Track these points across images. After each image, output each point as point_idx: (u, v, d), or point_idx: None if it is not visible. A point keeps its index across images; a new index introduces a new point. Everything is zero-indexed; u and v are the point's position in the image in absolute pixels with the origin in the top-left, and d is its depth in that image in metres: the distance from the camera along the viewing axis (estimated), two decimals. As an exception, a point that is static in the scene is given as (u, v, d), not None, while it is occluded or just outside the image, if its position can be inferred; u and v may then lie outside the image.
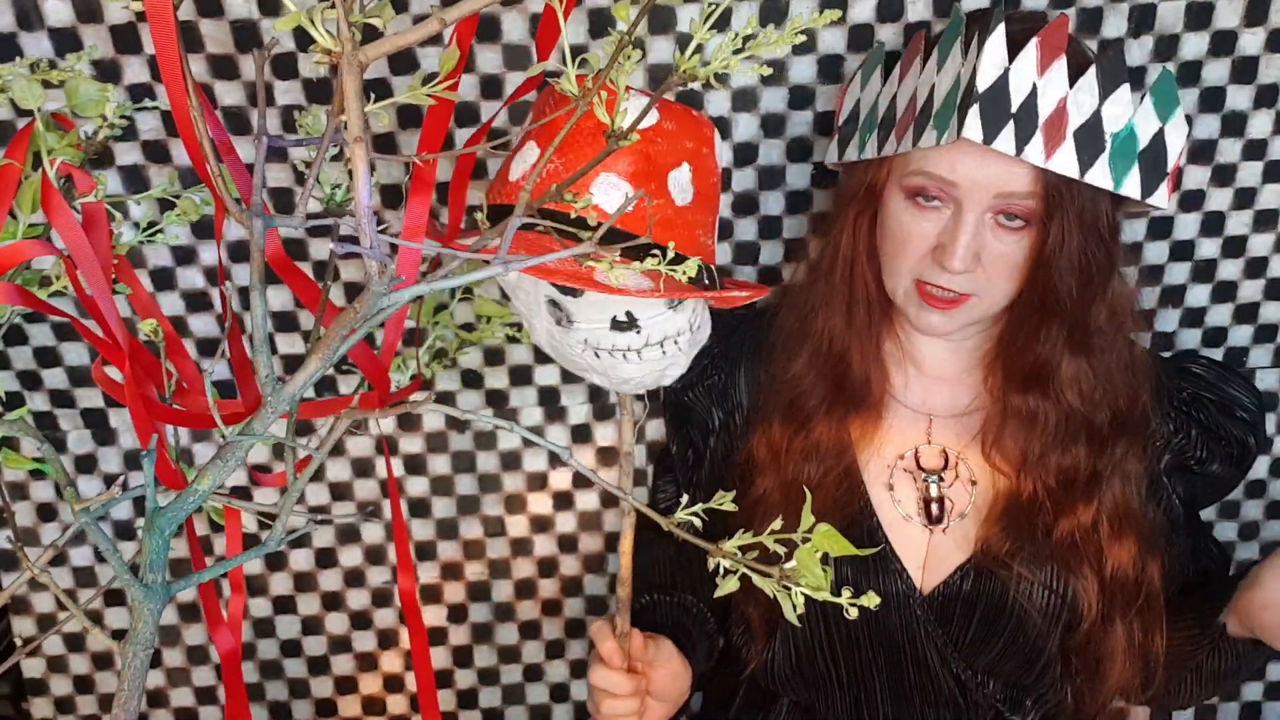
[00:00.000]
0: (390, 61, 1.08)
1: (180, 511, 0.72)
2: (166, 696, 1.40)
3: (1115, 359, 1.01)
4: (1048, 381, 1.01)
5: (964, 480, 1.07)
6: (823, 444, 1.07)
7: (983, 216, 0.93)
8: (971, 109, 0.87)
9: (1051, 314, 0.98)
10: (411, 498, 1.31)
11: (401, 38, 0.51)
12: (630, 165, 0.76)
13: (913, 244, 0.97)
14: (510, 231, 0.65)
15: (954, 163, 0.92)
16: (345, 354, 0.67)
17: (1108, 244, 0.96)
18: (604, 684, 0.98)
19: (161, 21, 0.58)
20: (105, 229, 0.63)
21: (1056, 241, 0.93)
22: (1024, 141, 0.88)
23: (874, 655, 1.09)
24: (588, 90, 0.58)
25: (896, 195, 0.98)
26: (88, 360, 1.21)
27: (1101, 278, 0.97)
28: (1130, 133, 0.91)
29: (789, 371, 1.08)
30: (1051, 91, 0.89)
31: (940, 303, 0.97)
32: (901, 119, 0.96)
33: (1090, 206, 0.93)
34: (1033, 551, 1.03)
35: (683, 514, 0.62)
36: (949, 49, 0.92)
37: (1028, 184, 0.92)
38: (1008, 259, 0.95)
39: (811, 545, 0.54)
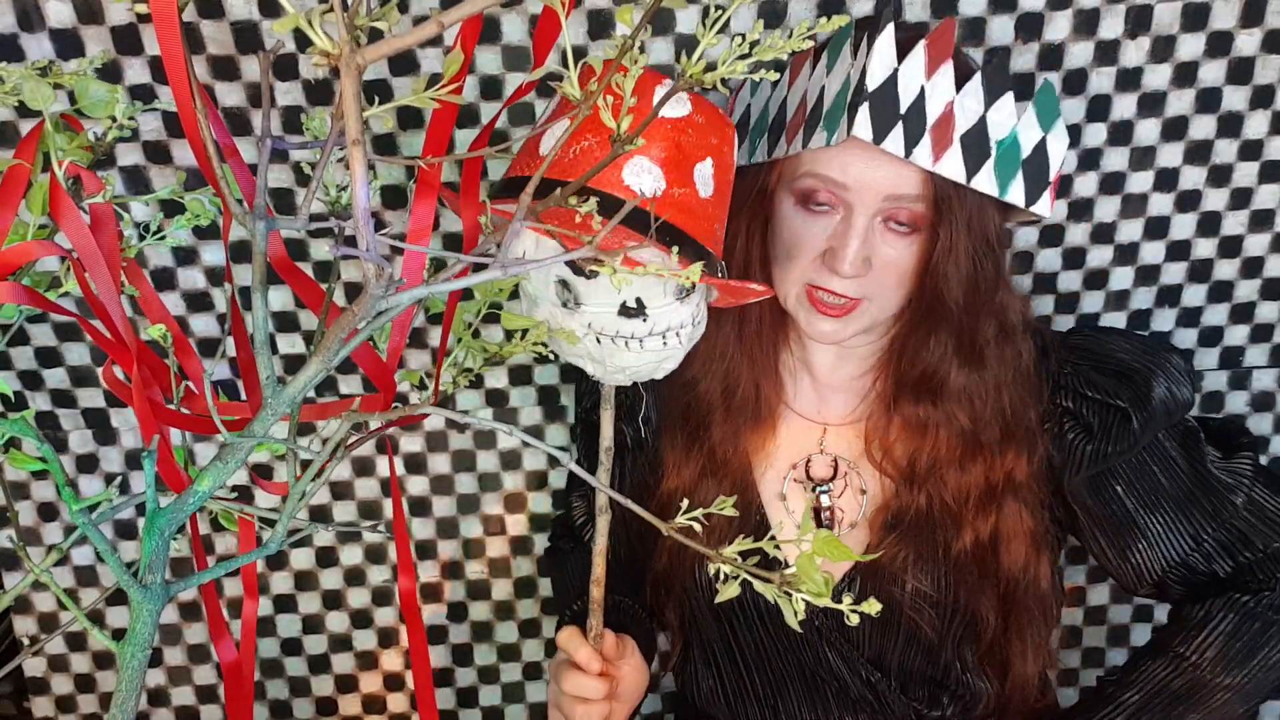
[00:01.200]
0: (390, 63, 1.08)
1: (180, 513, 0.73)
2: (168, 695, 1.40)
3: (1005, 372, 1.00)
4: (938, 391, 1.00)
5: (854, 490, 1.07)
6: (718, 456, 1.07)
7: (873, 220, 0.92)
8: (861, 107, 0.86)
9: (940, 322, 0.97)
10: (411, 497, 1.31)
11: (400, 40, 0.52)
12: (663, 151, 0.77)
13: (803, 248, 0.95)
14: (511, 234, 0.65)
15: (844, 164, 0.91)
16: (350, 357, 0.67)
17: (995, 253, 0.96)
18: (580, 690, 0.98)
19: (167, 23, 0.59)
20: (113, 230, 0.64)
21: (945, 247, 0.92)
22: (913, 143, 0.87)
23: (784, 664, 1.10)
24: (590, 93, 0.59)
25: (787, 199, 0.96)
26: (89, 360, 1.22)
27: (989, 287, 0.96)
28: (1014, 141, 0.90)
29: (684, 380, 1.07)
30: (939, 95, 0.88)
31: (831, 309, 0.96)
32: (791, 122, 0.95)
33: (978, 214, 0.92)
34: (924, 563, 1.03)
35: (683, 518, 0.62)
36: (838, 51, 0.91)
37: (916, 187, 0.91)
38: (898, 264, 0.94)
39: (811, 551, 0.54)
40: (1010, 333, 1.00)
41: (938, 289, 0.95)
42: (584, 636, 1.00)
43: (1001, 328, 1.00)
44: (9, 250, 0.61)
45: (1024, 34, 1.09)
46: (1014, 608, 1.05)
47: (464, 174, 0.71)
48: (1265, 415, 1.30)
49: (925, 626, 1.04)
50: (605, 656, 1.00)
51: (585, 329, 0.87)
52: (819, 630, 1.07)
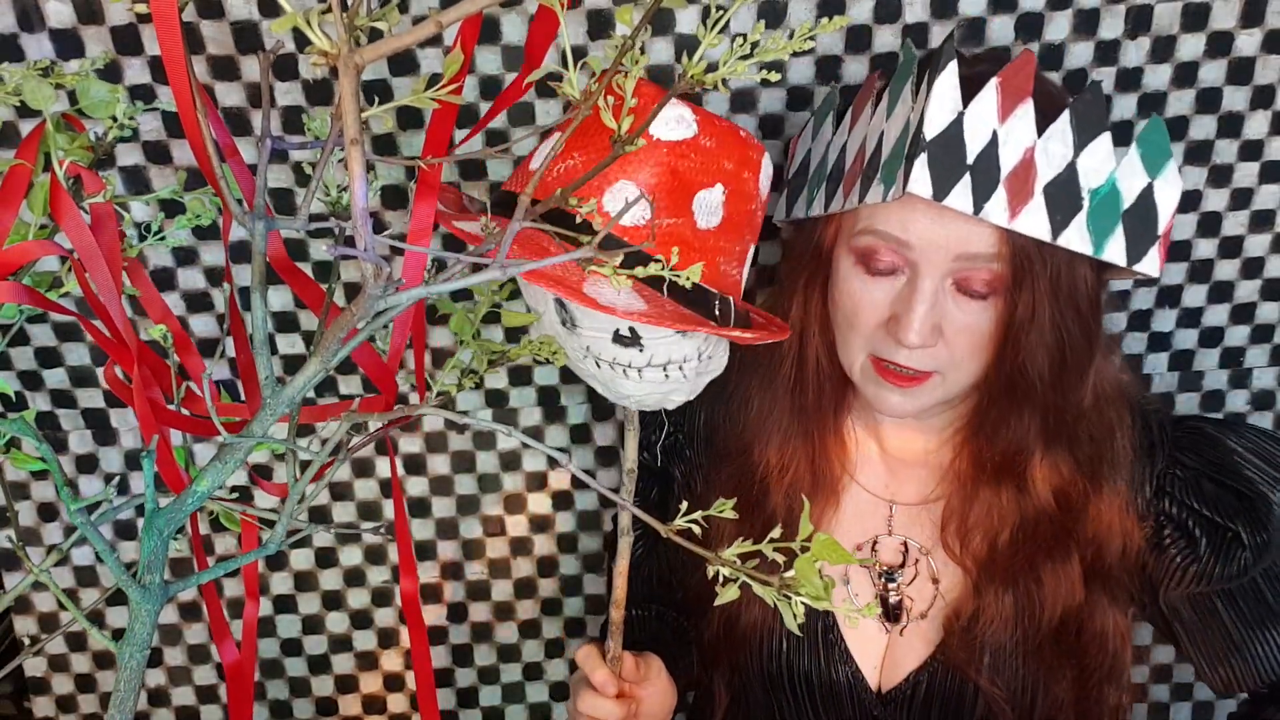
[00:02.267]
0: (389, 63, 1.08)
1: (179, 513, 0.73)
2: (168, 695, 1.40)
3: (1099, 450, 0.90)
4: (1022, 473, 0.89)
5: (925, 577, 0.98)
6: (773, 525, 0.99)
7: (942, 283, 0.82)
8: (919, 160, 0.75)
9: (1023, 399, 0.86)
10: (411, 497, 1.31)
11: (399, 39, 0.52)
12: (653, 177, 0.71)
13: (864, 315, 0.85)
14: (510, 234, 0.65)
15: (905, 221, 0.81)
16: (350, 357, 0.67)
17: (1086, 319, 0.84)
18: (596, 713, 0.92)
19: (167, 23, 0.59)
20: (114, 230, 0.64)
21: (1026, 314, 0.81)
22: (983, 198, 0.76)
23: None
24: (590, 94, 0.59)
25: (846, 258, 0.86)
26: (89, 360, 1.22)
27: (1078, 358, 0.85)
28: (1112, 188, 0.78)
29: (742, 447, 0.99)
30: (1016, 140, 0.76)
31: (899, 379, 0.86)
32: (850, 171, 0.85)
33: (1066, 274, 0.81)
34: (1000, 659, 0.93)
35: (682, 520, 0.62)
36: (899, 91, 0.81)
37: (992, 245, 0.80)
38: (973, 330, 0.83)
39: (810, 555, 0.54)
40: (1103, 405, 0.89)
41: (1019, 361, 0.83)
42: (602, 657, 0.94)
43: (1097, 401, 0.89)
44: (10, 250, 0.61)
45: (1024, 34, 1.09)
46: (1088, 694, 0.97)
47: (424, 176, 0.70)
48: (1265, 415, 1.30)
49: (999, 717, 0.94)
50: (624, 678, 0.95)
51: (584, 351, 0.83)
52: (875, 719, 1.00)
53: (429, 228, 0.67)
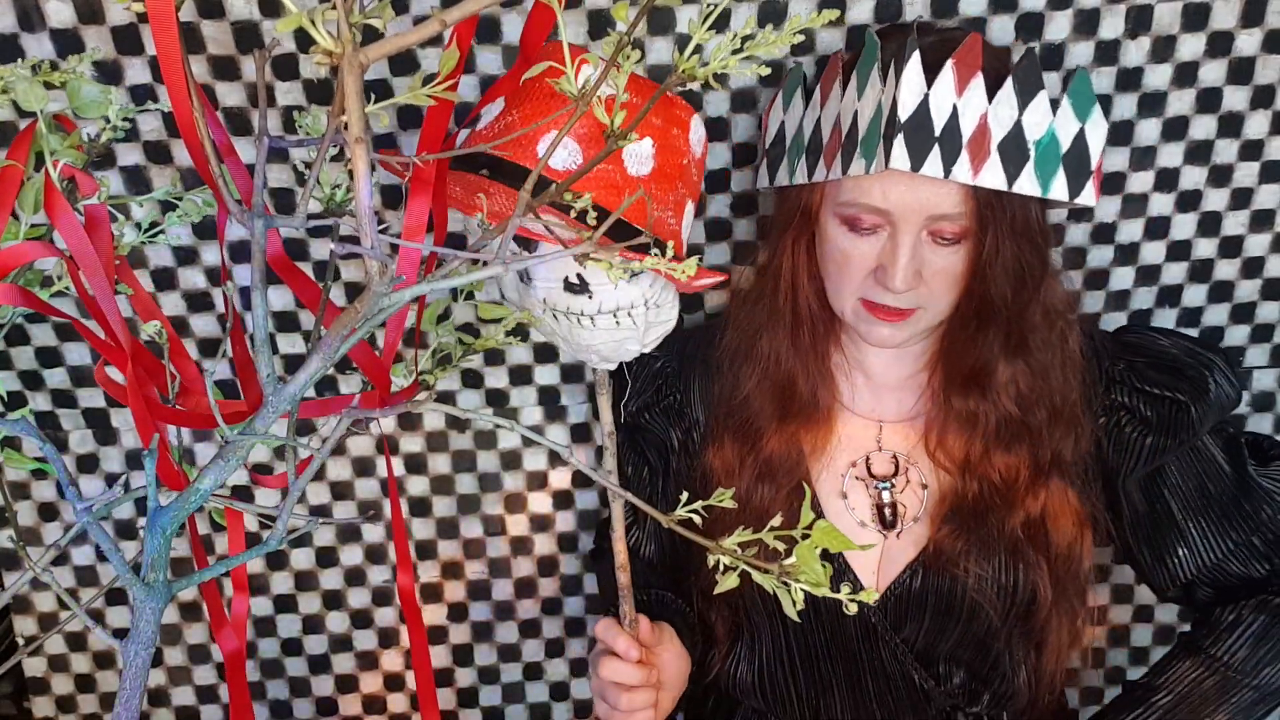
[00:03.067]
0: (390, 62, 1.08)
1: (181, 511, 0.73)
2: (168, 695, 1.40)
3: (1051, 357, 1.03)
4: (986, 383, 1.03)
5: (915, 485, 1.09)
6: (775, 461, 1.08)
7: (919, 236, 0.95)
8: (896, 139, 0.88)
9: (988, 319, 0.99)
10: (412, 497, 1.31)
11: (402, 39, 0.52)
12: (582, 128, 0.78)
13: (853, 267, 0.98)
14: (510, 231, 0.65)
15: (885, 191, 0.93)
16: (346, 354, 0.67)
17: (1039, 247, 0.98)
18: (620, 677, 0.98)
19: (164, 23, 0.59)
20: (108, 231, 0.64)
21: (991, 252, 0.94)
22: (950, 162, 0.89)
23: (832, 666, 1.12)
24: (587, 92, 0.59)
25: (832, 221, 0.99)
26: (89, 360, 1.22)
27: (1034, 280, 0.98)
28: (1052, 138, 0.92)
29: (737, 392, 1.10)
30: (972, 109, 0.90)
31: (888, 314, 0.98)
32: (829, 145, 0.97)
33: (1021, 214, 0.94)
34: (983, 548, 1.05)
35: (683, 510, 0.62)
36: (867, 74, 0.93)
37: (959, 203, 0.93)
38: (948, 271, 0.97)
39: (811, 542, 0.54)
40: (1054, 319, 1.03)
41: (986, 290, 0.97)
42: (620, 625, 1.01)
43: (1046, 315, 1.02)
44: (4, 251, 0.61)
45: (1024, 34, 1.09)
46: (1057, 586, 1.07)
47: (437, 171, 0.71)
48: (1265, 415, 1.30)
49: (988, 608, 1.05)
50: (642, 642, 1.01)
51: (542, 305, 0.89)
52: (872, 626, 1.08)
53: (424, 224, 0.67)
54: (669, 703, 1.04)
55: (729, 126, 1.14)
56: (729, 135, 1.14)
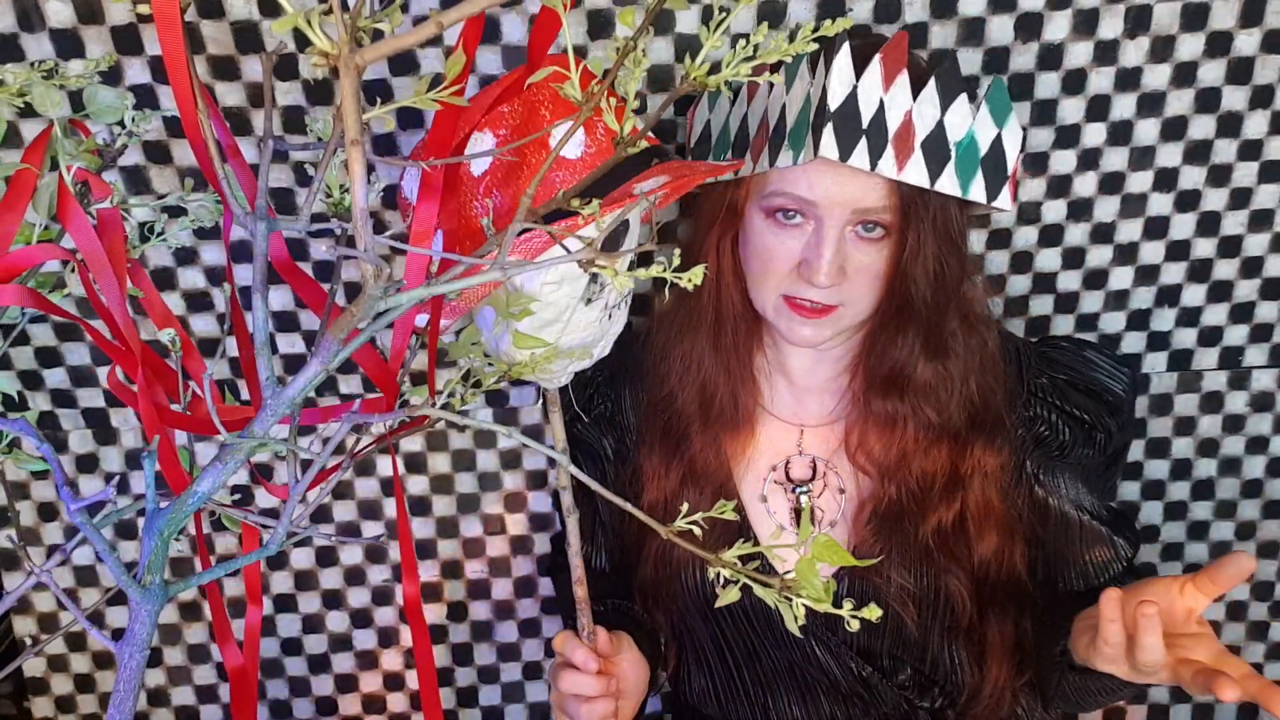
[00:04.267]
0: (390, 63, 1.08)
1: (179, 514, 0.73)
2: (167, 695, 1.40)
3: (970, 361, 1.03)
4: (905, 386, 1.02)
5: (833, 489, 1.09)
6: (698, 465, 1.09)
7: (843, 230, 0.95)
8: (826, 128, 0.88)
9: (908, 320, 0.99)
10: (412, 496, 1.31)
11: (400, 40, 0.51)
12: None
13: (777, 261, 0.98)
14: (510, 237, 0.65)
15: (811, 182, 0.93)
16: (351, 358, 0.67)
17: (959, 249, 0.98)
18: (579, 689, 0.98)
19: (169, 23, 0.59)
20: (120, 234, 0.64)
21: (913, 250, 0.95)
22: (877, 156, 0.90)
23: (774, 662, 1.12)
24: (591, 95, 0.59)
25: (757, 215, 0.99)
26: (89, 361, 1.22)
27: (954, 283, 0.99)
28: (971, 140, 0.92)
29: (662, 395, 1.10)
30: (898, 105, 0.90)
31: (809, 312, 0.98)
32: (755, 139, 0.97)
33: (942, 214, 0.95)
34: (902, 554, 1.05)
35: (682, 522, 0.62)
36: (795, 69, 0.93)
37: (883, 197, 0.93)
38: (870, 268, 0.97)
39: (811, 556, 0.54)
40: (974, 323, 1.03)
41: (906, 290, 0.97)
42: (578, 638, 1.02)
43: (965, 319, 1.02)
44: (16, 254, 0.61)
45: (1024, 34, 1.09)
46: (988, 594, 1.08)
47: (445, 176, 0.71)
48: (1265, 415, 1.30)
49: (908, 619, 1.05)
50: (600, 653, 1.01)
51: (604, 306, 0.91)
52: (806, 628, 1.07)
53: (431, 229, 0.67)
54: (630, 710, 1.04)
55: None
56: (729, 135, 1.14)
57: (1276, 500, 1.34)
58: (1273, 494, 1.34)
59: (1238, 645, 1.42)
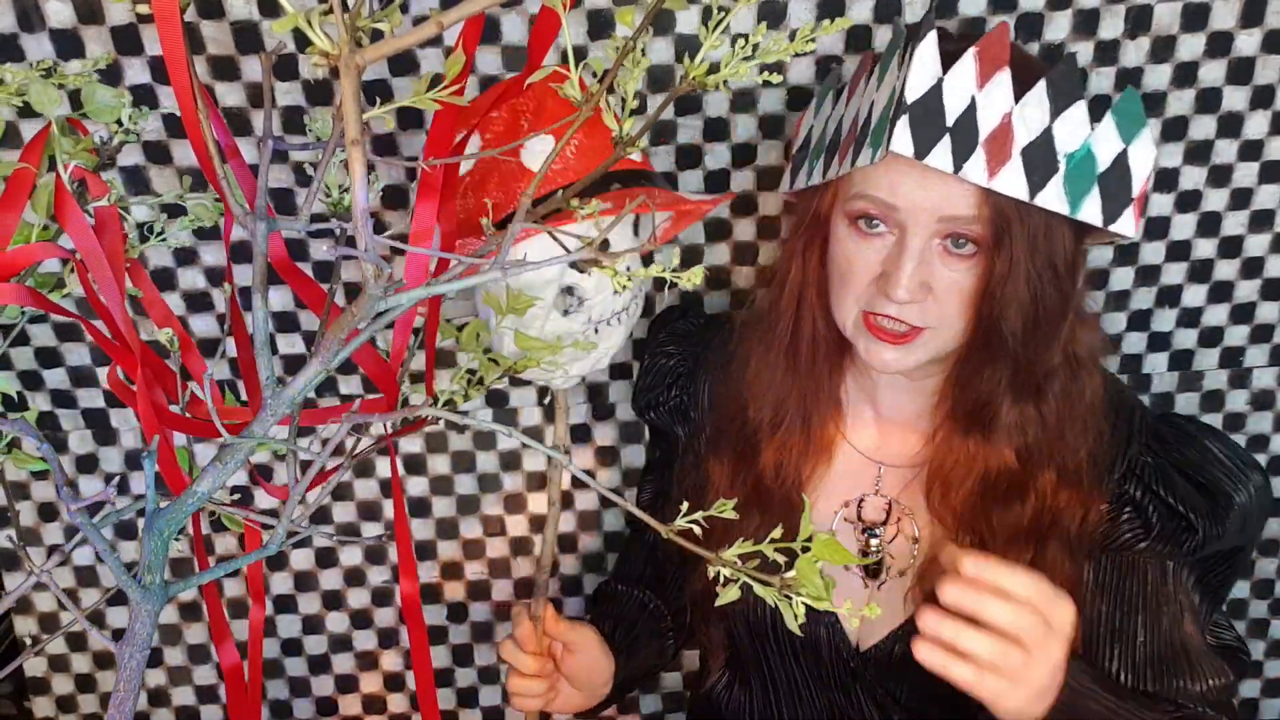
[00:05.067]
0: (390, 63, 1.08)
1: (179, 514, 0.73)
2: (168, 695, 1.40)
3: (1069, 410, 0.92)
4: (989, 424, 0.92)
5: (906, 536, 1.01)
6: (765, 483, 1.02)
7: (929, 242, 0.86)
8: (900, 121, 0.80)
9: (995, 351, 0.89)
10: (411, 497, 1.31)
11: (400, 40, 0.51)
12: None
13: (857, 272, 0.89)
14: (510, 236, 0.65)
15: (893, 185, 0.85)
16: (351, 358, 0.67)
17: (1062, 279, 0.87)
18: (512, 660, 1.04)
19: (169, 23, 0.59)
20: (118, 233, 0.64)
21: (1002, 272, 0.85)
22: (962, 158, 0.81)
23: (815, 701, 1.07)
24: (591, 95, 0.59)
25: (841, 222, 0.91)
26: (89, 361, 1.22)
27: (1051, 317, 0.88)
28: (1087, 153, 0.83)
29: (739, 405, 1.03)
30: (994, 106, 0.81)
31: (891, 336, 0.89)
32: (845, 140, 0.90)
33: (1044, 234, 0.85)
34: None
35: (682, 521, 0.62)
36: (888, 62, 0.86)
37: (973, 207, 0.84)
38: (960, 288, 0.87)
39: (811, 555, 0.54)
40: (1075, 368, 0.92)
41: (993, 316, 0.87)
42: (527, 614, 1.05)
43: (1067, 361, 0.91)
44: (14, 252, 0.61)
45: (1024, 34, 1.09)
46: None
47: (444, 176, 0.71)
48: (1265, 415, 1.30)
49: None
50: (546, 630, 1.04)
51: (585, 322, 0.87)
52: (855, 674, 1.03)
53: (431, 229, 0.67)
54: (579, 700, 1.08)
55: (729, 127, 1.14)
56: (729, 136, 1.14)
57: (1276, 500, 1.34)
58: (1274, 492, 1.34)
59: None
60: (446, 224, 0.72)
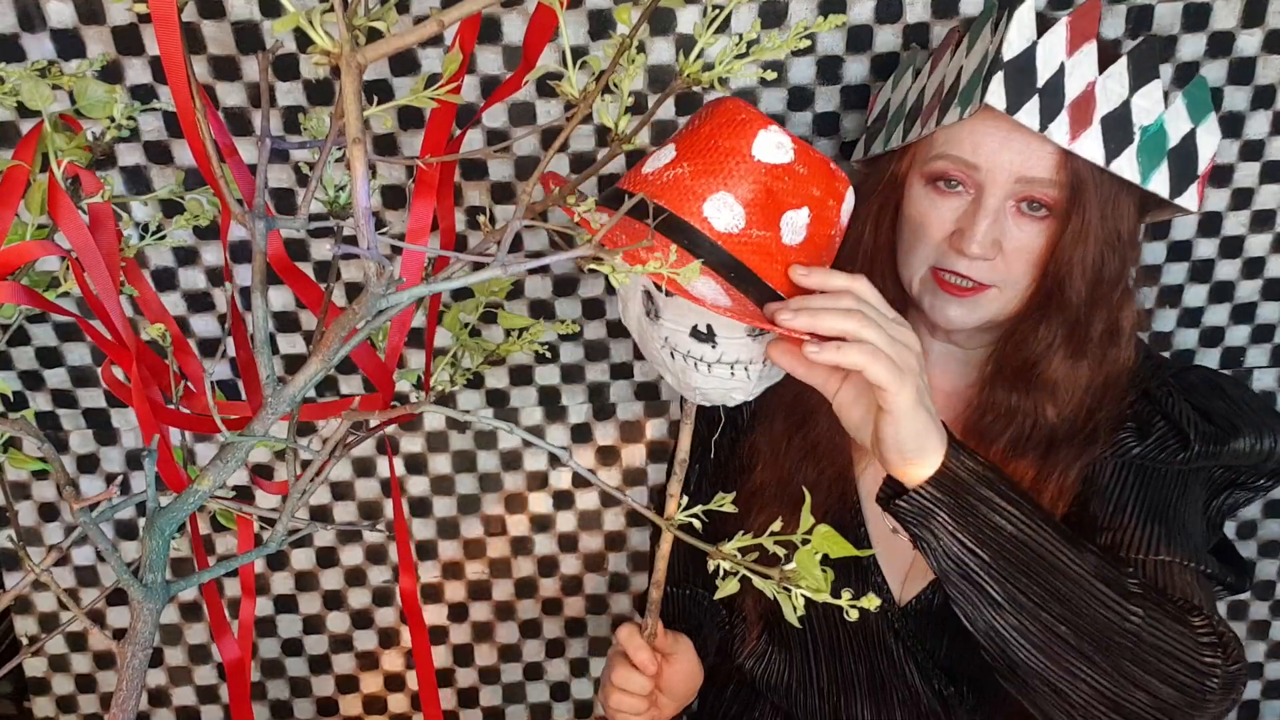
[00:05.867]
0: (390, 62, 1.08)
1: (180, 512, 0.73)
2: (168, 695, 1.40)
3: (1096, 374, 0.95)
4: (1032, 380, 0.95)
5: None
6: (820, 445, 1.04)
7: (1004, 203, 0.90)
8: (996, 76, 0.84)
9: (1056, 310, 0.93)
10: (412, 497, 1.31)
11: (400, 39, 0.52)
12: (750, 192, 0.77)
13: (931, 229, 0.93)
14: (510, 233, 0.65)
15: (976, 144, 0.89)
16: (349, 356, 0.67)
17: (1124, 250, 0.91)
18: (626, 685, 0.98)
19: (166, 24, 0.59)
20: (112, 230, 0.64)
21: (1075, 233, 0.89)
22: (1049, 118, 0.85)
23: (855, 664, 1.09)
24: (589, 93, 0.59)
25: (918, 183, 0.95)
26: (90, 360, 1.22)
27: (1111, 283, 0.92)
28: (1160, 128, 0.88)
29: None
30: (1080, 73, 0.86)
31: (959, 290, 0.93)
32: (928, 106, 0.94)
33: (1113, 204, 0.89)
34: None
35: (682, 515, 0.62)
36: (979, 32, 0.91)
37: (1050, 170, 0.88)
38: (1029, 249, 0.91)
39: (811, 547, 0.54)
40: (1116, 335, 0.95)
41: (1060, 275, 0.91)
42: (641, 635, 0.99)
43: (1109, 328, 0.95)
44: (8, 250, 0.61)
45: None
46: None
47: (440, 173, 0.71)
48: (1266, 416, 1.30)
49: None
50: (656, 648, 0.99)
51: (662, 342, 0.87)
52: (898, 633, 1.05)
53: (427, 226, 0.67)
54: (672, 709, 1.03)
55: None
56: (730, 135, 1.14)
57: (1276, 501, 1.34)
58: (1273, 495, 1.34)
59: (1240, 647, 1.41)
60: (445, 222, 0.72)
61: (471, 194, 1.15)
